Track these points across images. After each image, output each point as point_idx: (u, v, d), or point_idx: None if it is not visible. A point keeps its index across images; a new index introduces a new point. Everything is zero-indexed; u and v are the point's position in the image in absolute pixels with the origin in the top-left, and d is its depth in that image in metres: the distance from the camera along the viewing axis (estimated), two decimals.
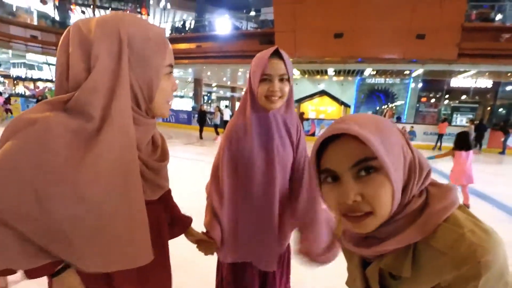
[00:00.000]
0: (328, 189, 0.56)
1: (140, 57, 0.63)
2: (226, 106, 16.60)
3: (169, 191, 0.94)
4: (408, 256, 0.51)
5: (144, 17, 21.21)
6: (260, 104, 1.08)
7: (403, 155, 0.53)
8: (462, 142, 3.91)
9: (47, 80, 21.77)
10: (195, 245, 1.10)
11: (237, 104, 23.67)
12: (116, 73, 0.60)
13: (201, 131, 11.35)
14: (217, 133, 11.22)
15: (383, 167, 0.48)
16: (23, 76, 21.57)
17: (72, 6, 20.88)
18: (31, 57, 18.50)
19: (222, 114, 13.37)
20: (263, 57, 1.03)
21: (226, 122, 13.52)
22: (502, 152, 10.92)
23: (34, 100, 15.81)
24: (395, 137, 0.53)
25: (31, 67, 21.52)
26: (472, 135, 10.55)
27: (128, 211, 0.61)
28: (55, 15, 20.57)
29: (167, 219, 0.91)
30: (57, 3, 20.28)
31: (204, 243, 1.09)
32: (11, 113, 13.23)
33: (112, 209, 0.59)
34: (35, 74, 21.98)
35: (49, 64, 20.82)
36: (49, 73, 21.80)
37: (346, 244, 0.63)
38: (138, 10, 21.08)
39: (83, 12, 21.24)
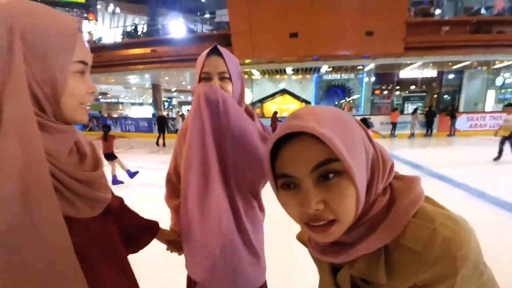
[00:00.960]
0: (286, 196, 0.49)
1: (38, 52, 0.53)
2: (188, 111, 16.21)
3: (118, 201, 0.85)
4: (380, 260, 0.48)
5: (92, 22, 20.19)
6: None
7: (365, 151, 0.48)
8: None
9: None
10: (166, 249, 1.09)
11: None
12: (6, 71, 0.50)
13: (163, 138, 10.96)
14: None
15: (346, 170, 0.43)
16: None
17: None
18: None
19: (184, 119, 13.05)
20: (201, 56, 0.97)
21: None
22: (452, 134, 11.95)
23: None
24: (356, 132, 0.47)
25: None
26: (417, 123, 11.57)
27: (39, 241, 0.50)
28: None
29: (123, 232, 0.81)
30: None
31: (174, 242, 1.06)
32: None
33: (17, 243, 0.47)
34: None
35: None
36: None
37: (312, 252, 0.58)
38: (85, 15, 19.91)
39: None
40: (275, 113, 11.95)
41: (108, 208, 0.71)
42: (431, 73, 16.55)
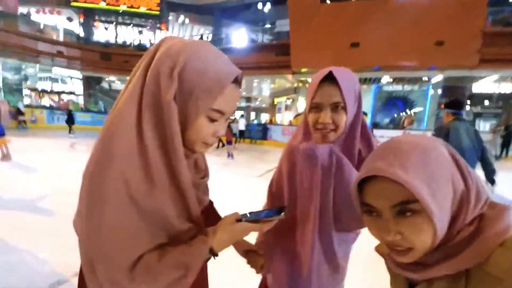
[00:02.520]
0: (369, 220, 0.55)
1: (186, 89, 0.61)
2: (242, 116, 16.74)
3: (210, 202, 0.93)
4: (460, 284, 0.48)
5: (163, 31, 22.02)
6: (311, 134, 0.93)
7: (453, 188, 0.49)
8: None
9: (70, 93, 22.74)
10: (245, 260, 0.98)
11: (252, 114, 23.84)
12: (166, 92, 0.60)
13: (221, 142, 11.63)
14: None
15: (425, 210, 0.46)
16: (49, 89, 22.61)
17: (95, 23, 21.90)
18: (56, 71, 19.42)
19: (237, 123, 13.52)
20: (313, 82, 0.87)
21: (241, 131, 13.66)
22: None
23: (59, 112, 16.53)
24: (443, 170, 0.49)
25: (55, 80, 22.55)
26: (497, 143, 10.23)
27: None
28: (80, 31, 21.63)
29: None
30: (82, 20, 21.33)
31: (253, 255, 0.95)
32: (25, 123, 13.80)
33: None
34: (59, 87, 23.01)
35: (72, 78, 21.80)
36: (72, 86, 22.79)
37: (390, 265, 0.61)
38: (158, 25, 21.85)
39: (106, 28, 22.22)
40: None
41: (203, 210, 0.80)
42: (510, 87, 14.80)
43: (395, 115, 17.50)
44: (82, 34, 21.43)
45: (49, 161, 6.71)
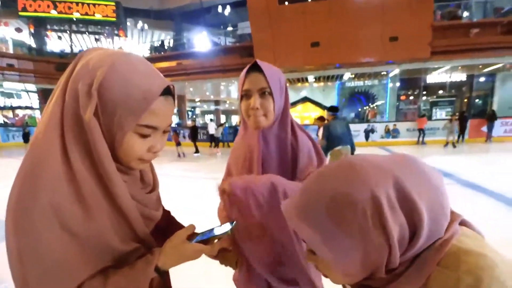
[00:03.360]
0: None
1: (108, 108, 0.57)
2: (211, 120, 16.57)
3: (166, 213, 0.90)
4: None
5: (122, 38, 21.24)
6: (247, 123, 1.00)
7: (362, 242, 0.43)
8: None
9: (26, 107, 21.29)
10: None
11: (222, 117, 23.75)
12: (83, 111, 0.56)
13: (196, 145, 11.57)
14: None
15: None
16: (1, 105, 21.02)
17: (48, 32, 20.65)
18: (8, 85, 18.10)
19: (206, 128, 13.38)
20: (242, 73, 0.95)
21: (211, 136, 13.51)
22: (489, 140, 11.30)
23: (14, 128, 15.42)
24: (344, 224, 0.43)
25: (9, 95, 21.00)
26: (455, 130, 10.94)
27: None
28: (31, 42, 20.30)
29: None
30: (32, 30, 20.03)
31: (224, 255, 0.87)
32: None
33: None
34: (13, 102, 21.46)
35: (27, 92, 20.43)
36: (28, 100, 21.37)
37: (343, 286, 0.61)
38: (116, 32, 21.03)
39: (59, 37, 21.03)
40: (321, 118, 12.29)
41: (156, 225, 0.77)
42: (460, 76, 15.89)
43: (359, 110, 18.19)
44: (34, 45, 20.12)
45: (7, 182, 6.17)
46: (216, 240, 0.68)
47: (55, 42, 20.91)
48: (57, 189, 0.53)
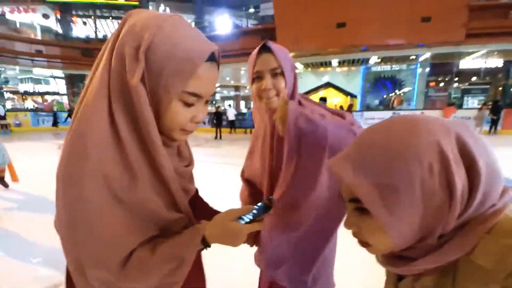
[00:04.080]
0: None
1: (155, 71, 0.55)
2: (230, 106, 16.55)
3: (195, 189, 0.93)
4: (448, 278, 0.44)
5: (166, 13, 21.38)
6: (258, 104, 1.00)
7: (423, 198, 0.40)
8: None
9: (54, 93, 22.15)
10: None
11: (242, 103, 23.70)
12: (130, 76, 0.54)
13: (219, 131, 11.79)
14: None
15: None
16: (31, 91, 21.97)
17: (73, 18, 21.17)
18: (37, 71, 18.83)
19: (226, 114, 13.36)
20: (252, 55, 0.96)
21: (231, 122, 13.51)
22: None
23: (43, 113, 16.10)
24: (408, 177, 0.40)
25: (37, 81, 21.92)
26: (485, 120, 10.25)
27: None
28: (58, 28, 20.90)
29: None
30: (59, 16, 20.60)
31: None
32: (7, 127, 13.30)
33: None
34: (42, 88, 22.39)
35: (55, 77, 21.18)
36: (55, 86, 22.19)
37: (376, 258, 0.57)
38: None
39: (84, 23, 21.53)
40: (350, 105, 12.34)
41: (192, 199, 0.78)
42: (496, 62, 14.90)
43: (384, 96, 17.52)
44: (60, 31, 20.71)
45: (37, 165, 6.41)
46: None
47: (80, 28, 21.45)
48: (104, 154, 0.53)
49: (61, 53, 17.32)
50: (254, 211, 0.67)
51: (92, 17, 21.34)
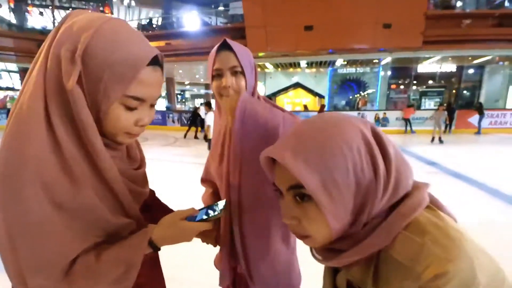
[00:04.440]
0: (280, 202, 0.54)
1: (93, 76, 0.53)
2: (201, 104, 16.31)
3: (150, 192, 0.89)
4: (370, 268, 0.48)
5: (107, 15, 20.39)
6: (218, 101, 0.99)
7: (356, 179, 0.45)
8: None
9: (7, 89, 20.42)
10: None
11: (212, 102, 23.45)
12: (66, 79, 0.53)
13: (196, 131, 11.41)
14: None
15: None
16: None
17: (29, 8, 19.62)
18: None
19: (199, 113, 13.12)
20: (212, 52, 0.94)
21: (203, 120, 13.29)
22: (478, 132, 11.36)
23: None
24: (343, 160, 0.45)
25: None
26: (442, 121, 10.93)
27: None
28: (11, 18, 19.27)
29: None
30: (12, 5, 18.99)
31: (208, 233, 0.85)
32: None
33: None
34: None
35: (8, 71, 19.53)
36: (9, 80, 20.48)
37: (311, 253, 0.59)
38: (101, 9, 20.15)
39: (41, 13, 20.03)
40: (322, 106, 12.52)
41: (145, 201, 0.77)
42: (450, 67, 16.05)
43: (350, 97, 18.22)
44: (14, 21, 19.12)
45: None
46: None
47: (37, 19, 19.92)
48: (43, 161, 0.51)
49: (15, 45, 16.00)
50: (208, 211, 0.68)
51: (50, 7, 19.92)
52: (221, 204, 0.71)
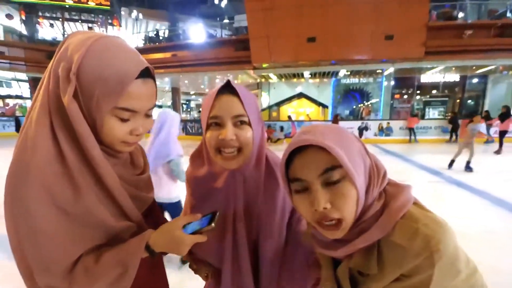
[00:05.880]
0: (299, 198, 0.59)
1: (87, 92, 0.58)
2: None
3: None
4: (373, 254, 0.56)
5: (116, 28, 20.92)
6: (213, 159, 0.76)
7: (363, 161, 0.58)
8: None
9: (17, 97, 20.86)
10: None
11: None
12: (63, 94, 0.58)
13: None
14: None
15: (348, 175, 0.54)
16: None
17: (40, 20, 20.16)
18: None
19: None
20: (210, 93, 0.74)
21: None
22: (490, 141, 11.09)
23: (4, 118, 15.13)
24: (355, 145, 0.58)
25: None
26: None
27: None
28: (22, 29, 19.81)
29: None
30: (23, 17, 19.54)
31: (198, 263, 0.89)
32: None
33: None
34: (3, 91, 21.01)
35: (18, 80, 19.98)
36: (18, 89, 20.92)
37: (316, 248, 0.67)
38: (110, 21, 20.63)
39: (51, 25, 20.56)
40: (289, 117, 12.50)
41: (149, 207, 0.80)
42: (454, 77, 16.05)
43: (354, 107, 18.26)
44: (25, 32, 19.64)
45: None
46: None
47: (47, 30, 20.45)
48: (48, 170, 0.56)
49: (25, 55, 16.43)
50: (201, 221, 0.68)
51: (60, 19, 20.44)
52: (214, 215, 0.69)
